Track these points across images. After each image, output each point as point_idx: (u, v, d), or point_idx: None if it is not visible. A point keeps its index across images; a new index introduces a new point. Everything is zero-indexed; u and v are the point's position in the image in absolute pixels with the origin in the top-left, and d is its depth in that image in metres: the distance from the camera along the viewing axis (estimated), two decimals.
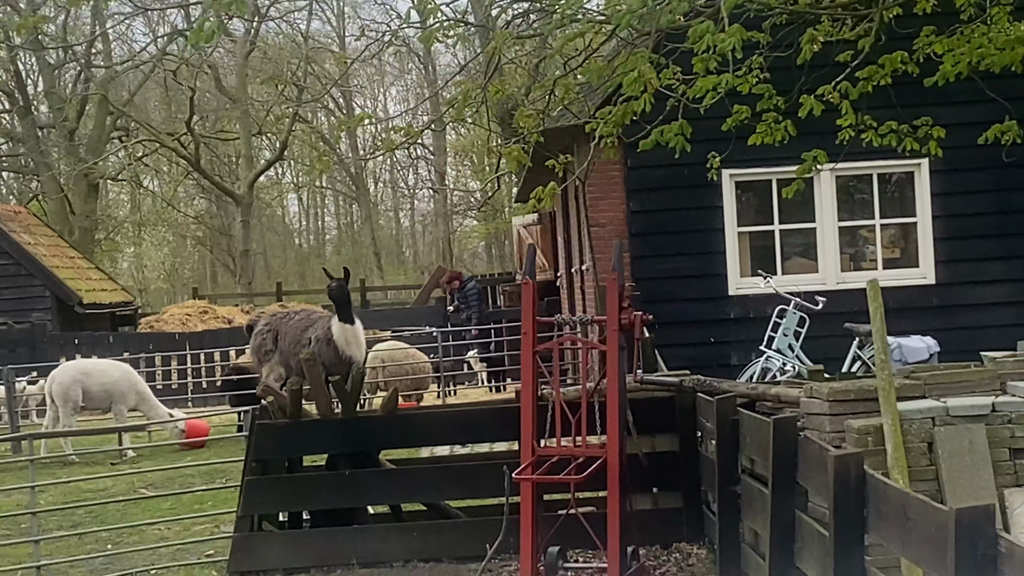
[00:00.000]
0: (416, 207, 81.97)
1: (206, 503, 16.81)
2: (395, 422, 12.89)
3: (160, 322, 36.66)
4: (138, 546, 14.37)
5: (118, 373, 23.09)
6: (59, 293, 36.14)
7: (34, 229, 39.82)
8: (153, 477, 19.03)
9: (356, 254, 73.86)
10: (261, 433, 12.61)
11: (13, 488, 18.33)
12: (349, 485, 12.66)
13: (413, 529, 12.65)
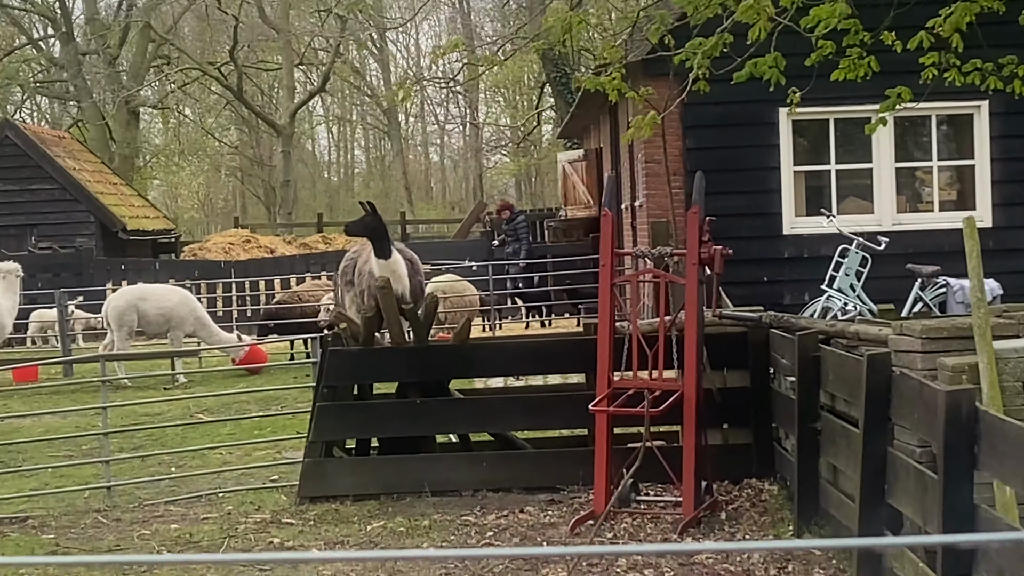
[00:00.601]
0: (446, 142, 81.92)
1: (265, 429, 16.89)
2: (467, 352, 12.91)
3: (203, 250, 36.78)
4: (201, 470, 14.45)
5: (177, 298, 23.13)
6: (103, 219, 36.22)
7: (78, 155, 39.88)
8: (208, 403, 19.13)
9: (386, 188, 73.91)
10: (333, 359, 12.64)
11: (69, 410, 18.49)
12: (420, 414, 12.70)
13: (482, 459, 12.69)
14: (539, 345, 14.02)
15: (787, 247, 20.24)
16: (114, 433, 15.88)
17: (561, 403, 12.90)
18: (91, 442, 16.45)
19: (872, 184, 20.34)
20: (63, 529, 11.87)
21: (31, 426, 18.13)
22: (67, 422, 18.40)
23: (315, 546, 10.86)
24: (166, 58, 54.85)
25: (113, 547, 11.10)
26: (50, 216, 35.93)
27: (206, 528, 11.57)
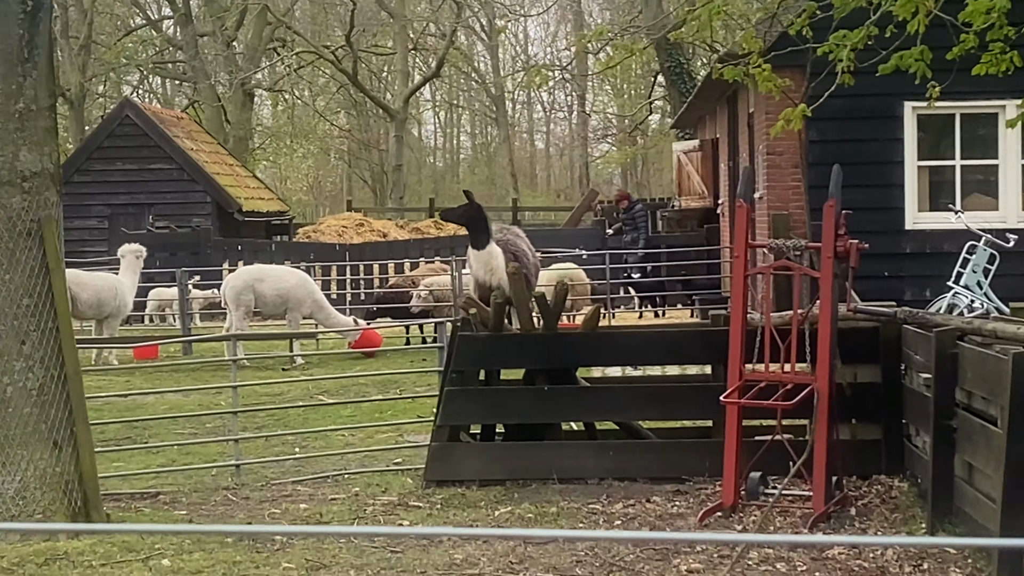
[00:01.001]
0: (552, 130, 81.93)
1: (386, 412, 16.99)
2: (596, 340, 12.93)
3: (317, 232, 37.02)
4: (325, 451, 14.57)
5: (295, 280, 23.30)
6: (219, 199, 36.54)
7: (195, 135, 40.26)
8: (328, 385, 19.28)
9: (491, 174, 74.07)
10: (463, 344, 12.68)
11: (193, 389, 18.71)
12: (547, 400, 12.72)
13: (608, 447, 12.69)
14: (667, 335, 14.04)
15: (909, 242, 20.11)
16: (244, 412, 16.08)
17: (687, 393, 12.91)
18: (214, 420, 16.65)
19: (998, 180, 20.15)
20: (194, 505, 12.01)
21: (155, 403, 18.35)
22: (189, 400, 18.62)
23: None
24: (281, 41, 55.27)
25: (245, 524, 11.21)
26: (168, 196, 36.29)
27: (335, 508, 11.66)
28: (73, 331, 11.04)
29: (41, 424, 10.62)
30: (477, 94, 73.98)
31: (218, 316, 27.05)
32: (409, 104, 59.93)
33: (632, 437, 12.94)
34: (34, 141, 10.76)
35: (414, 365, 20.71)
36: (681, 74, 38.90)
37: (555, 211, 55.92)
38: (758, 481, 11.33)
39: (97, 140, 37.35)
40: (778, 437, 11.28)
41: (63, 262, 10.96)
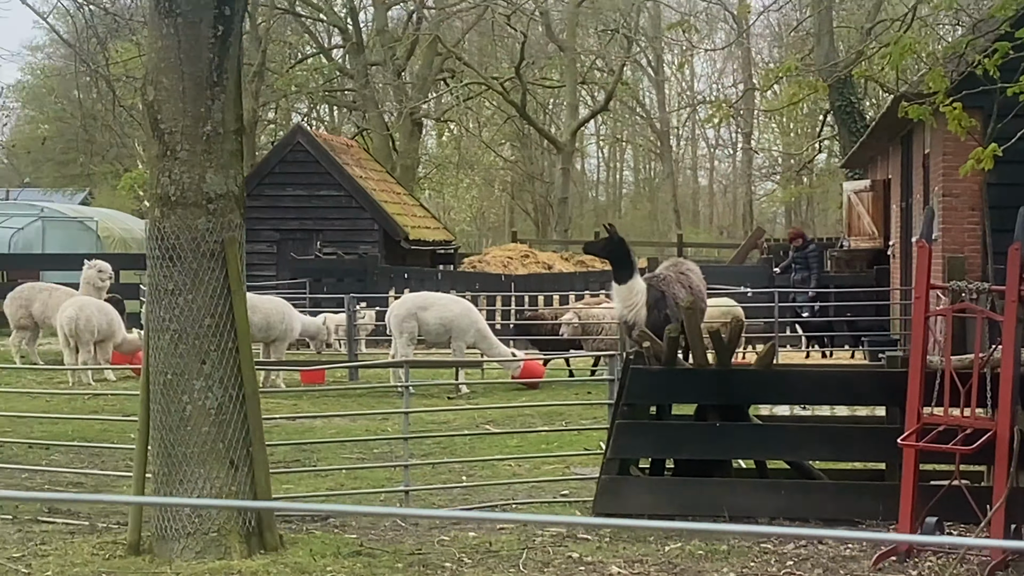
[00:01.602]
0: (716, 167, 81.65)
1: (552, 443, 16.95)
2: (770, 377, 12.83)
3: (483, 263, 37.17)
4: (492, 480, 14.57)
5: (458, 309, 23.38)
6: (387, 227, 36.82)
7: (364, 163, 40.64)
8: (493, 414, 19.29)
9: (653, 210, 73.90)
10: (635, 378, 12.64)
11: (359, 413, 18.85)
12: (719, 437, 12.63)
13: (780, 487, 12.57)
14: (842, 375, 13.90)
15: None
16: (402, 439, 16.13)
17: (862, 435, 12.74)
18: (381, 446, 16.75)
19: None
20: (363, 529, 12.07)
21: (323, 427, 18.51)
22: (356, 425, 18.74)
23: (613, 563, 10.86)
24: (451, 71, 55.67)
25: (414, 550, 11.24)
26: (336, 222, 36.65)
27: (504, 538, 11.64)
28: (252, 352, 11.16)
29: (219, 443, 10.75)
30: (642, 129, 73.94)
31: (383, 343, 27.21)
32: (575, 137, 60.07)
33: (804, 477, 12.79)
34: (220, 164, 10.93)
35: (579, 397, 20.66)
36: (852, 113, 38.59)
37: (719, 248, 55.68)
38: (934, 526, 11.14)
39: (268, 166, 37.86)
40: (956, 482, 11.09)
41: (244, 284, 11.09)
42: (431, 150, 68.25)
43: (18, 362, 26.03)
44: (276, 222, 36.49)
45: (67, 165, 67.49)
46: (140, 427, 11.09)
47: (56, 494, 13.77)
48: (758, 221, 67.63)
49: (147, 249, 11.06)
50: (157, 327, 10.89)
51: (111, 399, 20.80)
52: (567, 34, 55.34)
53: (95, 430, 17.82)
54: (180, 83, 10.79)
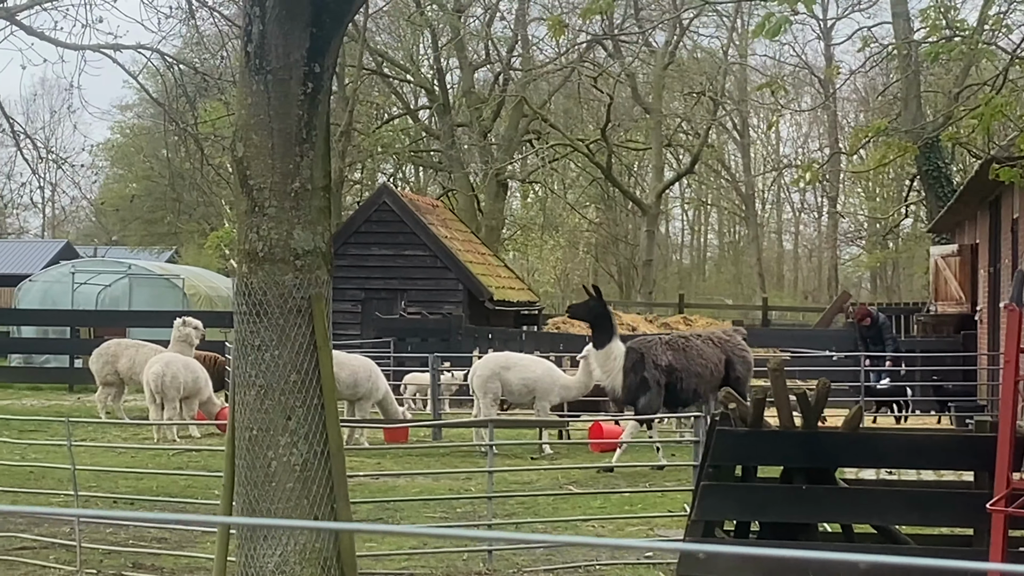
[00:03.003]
0: (801, 231, 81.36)
1: (635, 505, 16.87)
2: (857, 440, 12.68)
3: (567, 323, 37.15)
4: (570, 544, 14.51)
5: (541, 370, 23.34)
6: (471, 287, 36.91)
7: (449, 223, 40.81)
8: (576, 474, 19.23)
9: (738, 273, 73.76)
10: (720, 439, 12.53)
11: (443, 472, 18.82)
12: (804, 500, 12.48)
13: (868, 551, 12.40)
14: (931, 439, 13.71)
15: None
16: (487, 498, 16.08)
17: (950, 500, 12.55)
18: (464, 505, 16.72)
19: None
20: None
21: (406, 486, 18.50)
22: (439, 484, 18.72)
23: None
24: (536, 133, 55.89)
25: None
26: (421, 282, 36.79)
27: None
28: (337, 409, 11.16)
29: (303, 499, 10.73)
30: (727, 192, 73.84)
31: (467, 403, 27.23)
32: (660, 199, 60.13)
33: (890, 542, 12.63)
34: (308, 220, 10.96)
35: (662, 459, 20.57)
36: (939, 177, 38.35)
37: (804, 312, 55.42)
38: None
39: (354, 225, 38.07)
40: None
41: (331, 340, 11.10)
42: (516, 211, 68.43)
43: (104, 417, 26.21)
44: (361, 281, 36.65)
45: (154, 223, 68.20)
46: (225, 483, 11.10)
47: (141, 549, 13.83)
48: (843, 285, 67.31)
49: (234, 305, 11.10)
50: (243, 382, 10.91)
51: (196, 455, 20.92)
52: (653, 96, 55.44)
53: (179, 486, 17.90)
54: (269, 140, 10.85)
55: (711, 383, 20.62)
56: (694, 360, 20.52)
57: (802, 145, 75.40)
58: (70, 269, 43.97)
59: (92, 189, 69.78)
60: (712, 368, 20.63)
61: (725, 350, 20.86)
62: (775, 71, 60.22)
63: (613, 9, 44.13)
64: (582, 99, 57.38)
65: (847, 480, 14.56)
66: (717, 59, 57.55)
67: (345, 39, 14.38)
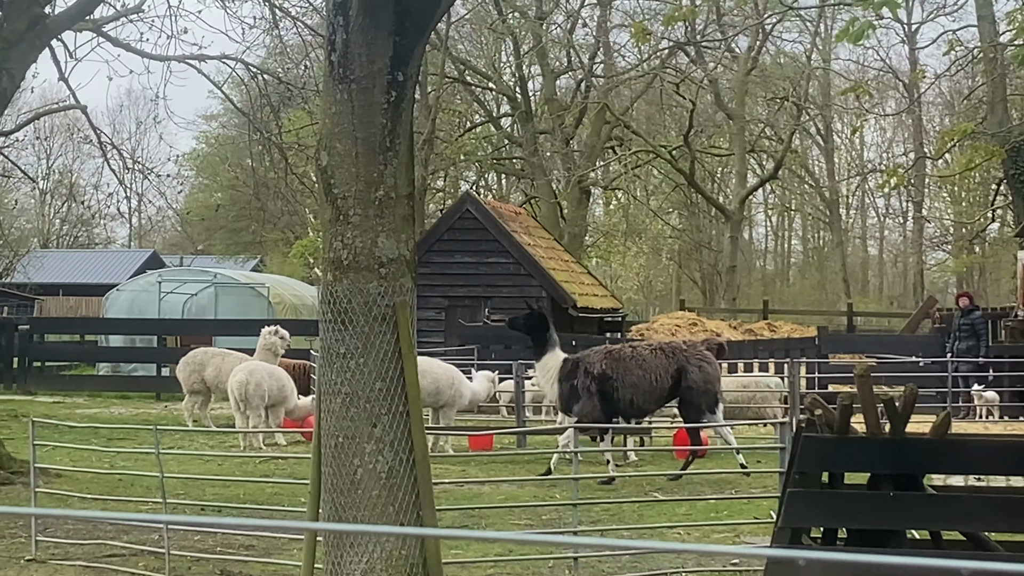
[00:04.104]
0: (886, 236, 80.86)
1: (721, 512, 16.79)
2: (945, 446, 12.56)
3: (650, 331, 37.09)
4: (657, 550, 14.46)
5: None
6: (554, 294, 36.89)
7: (532, 231, 40.81)
8: (661, 482, 19.18)
9: (822, 279, 73.40)
10: (807, 446, 12.44)
11: (528, 479, 18.83)
12: (892, 507, 12.37)
13: (956, 558, 12.28)
14: (1020, 445, 13.58)
15: None
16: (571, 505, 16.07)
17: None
18: (549, 512, 16.71)
19: None
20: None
21: (491, 493, 18.51)
22: (524, 491, 18.72)
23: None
24: (619, 140, 55.88)
25: None
26: (504, 289, 36.80)
27: None
28: (422, 416, 11.19)
29: (389, 507, 10.77)
30: (811, 197, 73.47)
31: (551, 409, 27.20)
32: (744, 205, 59.94)
33: (979, 549, 12.51)
34: (392, 228, 10.99)
35: (747, 465, 20.48)
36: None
37: (890, 317, 55.05)
38: None
39: (437, 233, 38.16)
40: None
41: (415, 348, 11.13)
42: (598, 218, 68.44)
43: (191, 425, 26.41)
44: (445, 289, 36.72)
45: (239, 232, 68.75)
46: (311, 490, 11.15)
47: (228, 556, 13.93)
48: (929, 291, 66.80)
49: (319, 313, 11.16)
50: (329, 390, 10.96)
51: (282, 463, 21.04)
52: (736, 102, 55.31)
53: (266, 493, 18.00)
54: (353, 148, 10.90)
55: (651, 393, 20.73)
56: (631, 370, 20.65)
57: (887, 150, 74.99)
58: (157, 278, 44.37)
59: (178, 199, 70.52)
60: (653, 378, 20.68)
61: (678, 360, 20.88)
62: (859, 75, 59.92)
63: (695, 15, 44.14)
64: (664, 105, 57.33)
65: (935, 487, 14.44)
66: (800, 64, 57.28)
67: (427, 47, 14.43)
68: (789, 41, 61.36)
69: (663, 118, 59.80)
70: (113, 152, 31.75)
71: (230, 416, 26.38)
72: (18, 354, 37.43)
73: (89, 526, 15.43)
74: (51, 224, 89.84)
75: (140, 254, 76.96)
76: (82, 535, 15.10)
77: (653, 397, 20.72)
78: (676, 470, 19.81)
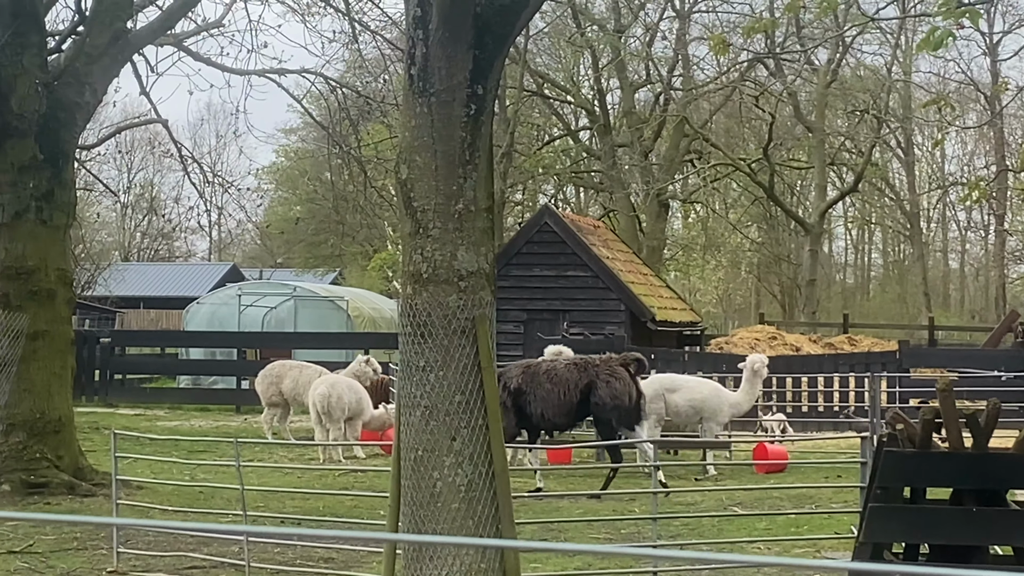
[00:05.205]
0: (968, 250, 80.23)
1: (801, 527, 16.69)
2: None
3: (730, 344, 36.97)
4: (740, 564, 14.37)
5: (707, 390, 23.23)
6: (633, 308, 36.81)
7: (611, 244, 40.74)
8: (741, 496, 19.09)
9: (902, 292, 72.88)
10: (888, 460, 12.34)
11: (608, 493, 18.79)
12: (975, 522, 12.25)
13: None
14: None
15: None
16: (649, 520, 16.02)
17: None
18: (628, 526, 16.66)
19: None
20: None
21: (569, 507, 18.47)
22: (603, 505, 18.67)
23: None
24: (698, 152, 55.76)
25: None
26: (583, 302, 36.73)
27: None
28: (501, 430, 11.18)
29: (468, 520, 10.76)
30: (891, 210, 72.99)
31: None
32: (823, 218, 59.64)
33: None
34: (471, 241, 11.00)
35: (827, 480, 20.36)
36: None
37: (972, 331, 54.57)
38: None
39: (516, 246, 38.16)
40: None
41: (495, 361, 11.13)
42: (677, 231, 68.26)
43: (270, 438, 26.53)
44: (523, 302, 36.69)
45: (318, 246, 69.03)
46: (391, 503, 11.17)
47: (308, 569, 13.97)
48: (1011, 305, 66.15)
49: (399, 326, 11.18)
50: (408, 403, 10.98)
51: (361, 476, 21.10)
52: (816, 115, 55.06)
53: (345, 506, 18.05)
54: (433, 161, 10.92)
55: (560, 407, 20.81)
56: (542, 384, 20.72)
57: (968, 162, 74.39)
58: (236, 291, 44.63)
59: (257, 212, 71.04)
60: (562, 392, 20.70)
61: (588, 375, 20.86)
62: (940, 88, 59.50)
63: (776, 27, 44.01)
64: (743, 118, 57.16)
65: (1018, 502, 14.29)
66: (880, 76, 56.92)
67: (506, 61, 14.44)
68: (869, 53, 61.15)
69: (742, 131, 59.60)
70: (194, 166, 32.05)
71: (309, 429, 26.48)
72: (99, 367, 37.73)
73: (170, 538, 15.52)
74: (132, 237, 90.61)
75: (220, 267, 77.48)
76: (163, 547, 15.19)
77: (563, 411, 20.85)
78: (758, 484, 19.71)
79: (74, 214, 20.76)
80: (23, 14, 19.58)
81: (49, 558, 14.80)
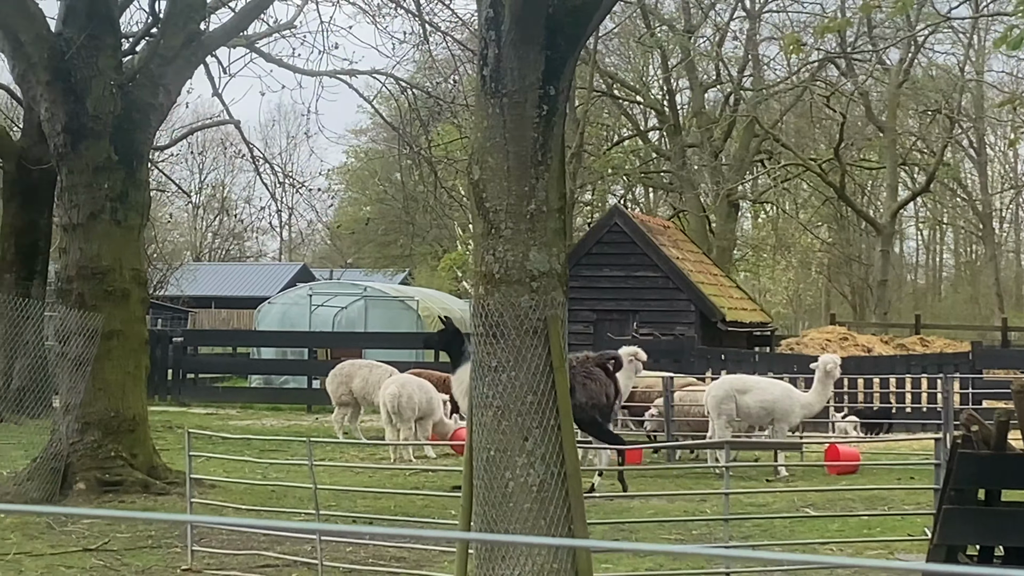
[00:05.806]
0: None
1: (874, 528, 16.61)
2: None
3: (800, 345, 36.82)
4: (812, 565, 14.30)
5: (779, 391, 23.12)
6: (703, 308, 36.77)
7: (681, 244, 40.72)
8: (812, 497, 19.00)
9: (975, 293, 72.35)
10: (963, 462, 12.27)
11: (679, 494, 18.75)
12: None
13: None
14: None
15: None
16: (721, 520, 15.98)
17: None
18: (700, 527, 16.62)
19: None
20: None
21: (640, 507, 18.44)
22: (674, 506, 18.63)
23: None
24: (768, 153, 55.57)
25: None
26: (652, 303, 36.72)
27: None
28: (573, 430, 11.18)
29: (540, 520, 10.78)
30: (963, 211, 72.44)
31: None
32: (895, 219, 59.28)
33: None
34: (543, 242, 11.01)
35: (900, 482, 20.25)
36: None
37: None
38: None
39: (586, 246, 38.18)
40: None
41: (567, 361, 11.13)
42: (747, 231, 68.04)
43: (341, 438, 26.60)
44: (593, 302, 36.71)
45: (388, 246, 69.20)
46: (463, 502, 11.20)
47: (380, 568, 14.02)
48: None
49: (471, 326, 11.20)
50: (480, 403, 11.01)
51: (432, 475, 21.15)
52: (887, 115, 54.72)
53: (417, 506, 18.09)
54: (505, 162, 10.94)
55: None
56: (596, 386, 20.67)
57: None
58: (307, 291, 44.82)
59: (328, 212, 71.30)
60: None
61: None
62: (1013, 87, 59.00)
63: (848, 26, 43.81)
64: (814, 118, 56.89)
65: None
66: (953, 76, 56.52)
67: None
68: (942, 53, 60.82)
69: (813, 131, 59.31)
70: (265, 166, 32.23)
71: (380, 428, 26.55)
72: (172, 366, 37.97)
73: (243, 536, 15.61)
74: (203, 237, 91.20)
75: (291, 267, 77.84)
76: (236, 545, 15.28)
77: None
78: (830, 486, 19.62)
79: (148, 214, 20.89)
80: (98, 16, 19.74)
81: (124, 556, 14.93)
